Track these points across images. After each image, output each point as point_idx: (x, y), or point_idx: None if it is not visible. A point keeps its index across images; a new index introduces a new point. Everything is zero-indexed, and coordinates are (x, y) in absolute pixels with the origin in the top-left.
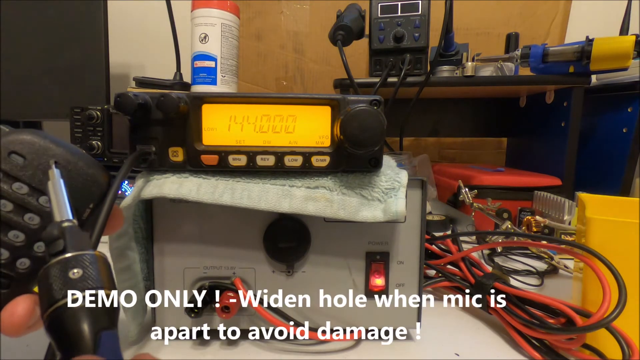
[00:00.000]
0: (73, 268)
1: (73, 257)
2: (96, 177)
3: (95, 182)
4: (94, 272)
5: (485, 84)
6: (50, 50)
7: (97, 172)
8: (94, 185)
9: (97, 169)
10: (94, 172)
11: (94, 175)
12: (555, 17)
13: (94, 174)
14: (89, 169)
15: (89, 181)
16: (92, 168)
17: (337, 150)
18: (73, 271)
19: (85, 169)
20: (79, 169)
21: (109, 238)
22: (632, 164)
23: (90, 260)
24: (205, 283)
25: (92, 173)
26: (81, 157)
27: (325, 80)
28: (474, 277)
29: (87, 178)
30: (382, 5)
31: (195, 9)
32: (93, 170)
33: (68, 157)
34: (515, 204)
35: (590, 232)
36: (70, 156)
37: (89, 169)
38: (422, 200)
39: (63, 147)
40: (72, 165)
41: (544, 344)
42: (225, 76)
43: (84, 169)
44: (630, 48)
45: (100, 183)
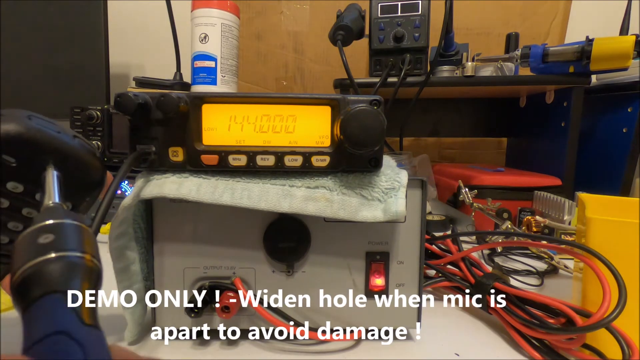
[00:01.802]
0: (45, 233)
1: (48, 225)
2: (90, 166)
3: (90, 172)
4: (69, 238)
5: (485, 84)
6: (50, 50)
7: (90, 161)
8: (89, 176)
9: (91, 157)
10: (88, 160)
11: (88, 164)
12: (555, 17)
13: (88, 163)
14: (84, 158)
15: (84, 172)
16: (86, 156)
17: (337, 150)
18: (44, 236)
19: (80, 160)
20: (74, 162)
21: (109, 238)
22: (632, 164)
23: (69, 228)
24: (205, 283)
25: (87, 162)
26: (74, 148)
27: (325, 80)
28: (474, 277)
29: (82, 169)
30: (382, 5)
31: (195, 9)
32: (87, 159)
33: (61, 151)
34: (515, 204)
35: (590, 232)
36: (64, 149)
37: (83, 159)
38: (422, 200)
39: (53, 137)
40: (66, 161)
41: (544, 344)
42: (225, 76)
43: (79, 161)
44: (630, 48)
45: (95, 170)
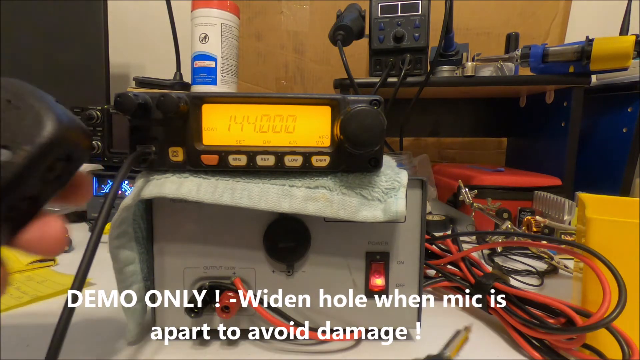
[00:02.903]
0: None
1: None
2: (42, 121)
3: (40, 126)
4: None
5: (485, 84)
6: (50, 50)
7: (46, 116)
8: (37, 128)
9: (47, 111)
10: (40, 111)
11: (39, 117)
12: (555, 17)
13: (39, 114)
14: (36, 107)
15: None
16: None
17: (337, 150)
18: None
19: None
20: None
21: (109, 238)
22: (632, 164)
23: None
24: (205, 283)
25: (38, 112)
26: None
27: (325, 80)
28: (474, 277)
29: (33, 117)
30: (382, 5)
31: (195, 9)
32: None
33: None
34: (515, 204)
35: (590, 232)
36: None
37: (35, 107)
38: (422, 200)
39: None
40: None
41: (544, 344)
42: (225, 76)
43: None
44: (630, 48)
45: (47, 129)
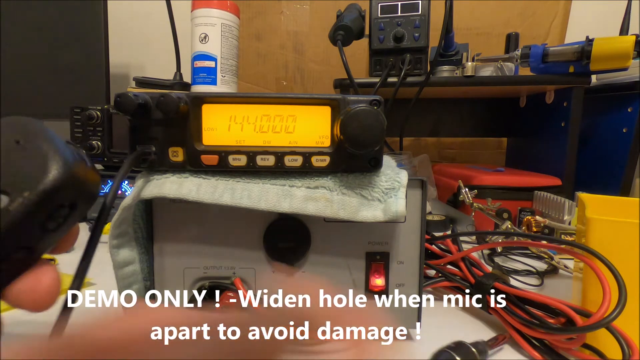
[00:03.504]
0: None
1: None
2: (47, 165)
3: (44, 172)
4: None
5: (485, 84)
6: (50, 50)
7: (52, 160)
8: (41, 173)
9: (55, 155)
10: (47, 155)
11: (45, 161)
12: (555, 17)
13: (45, 157)
14: (45, 152)
15: (37, 166)
16: (50, 151)
17: (337, 150)
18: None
19: (41, 151)
20: (33, 147)
21: (109, 238)
22: (632, 164)
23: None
24: (205, 283)
25: (45, 155)
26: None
27: (325, 80)
28: (474, 277)
29: (38, 162)
30: (382, 5)
31: (195, 9)
32: (49, 153)
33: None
34: (515, 204)
35: (590, 232)
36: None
37: (44, 152)
38: (422, 200)
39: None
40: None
41: (544, 343)
42: (225, 76)
43: (38, 150)
44: (630, 48)
45: (50, 176)
